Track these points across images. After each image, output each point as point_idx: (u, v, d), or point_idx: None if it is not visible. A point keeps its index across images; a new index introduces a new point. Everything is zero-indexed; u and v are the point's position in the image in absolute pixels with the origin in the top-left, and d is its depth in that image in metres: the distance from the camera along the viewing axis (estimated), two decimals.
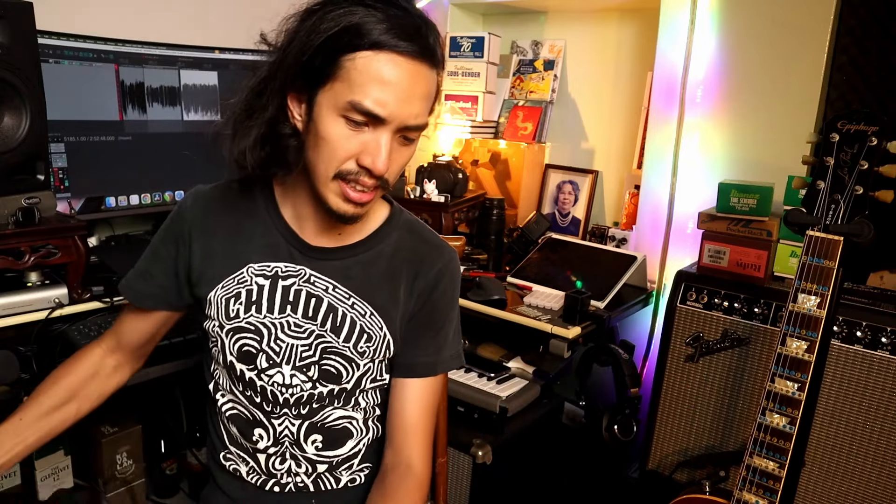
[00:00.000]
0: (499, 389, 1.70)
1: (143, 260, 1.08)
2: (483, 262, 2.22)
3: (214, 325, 1.02)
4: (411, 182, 2.34)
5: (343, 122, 0.86)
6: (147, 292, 1.07)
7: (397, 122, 0.86)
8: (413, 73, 0.85)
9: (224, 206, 1.04)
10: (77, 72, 1.62)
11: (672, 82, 2.04)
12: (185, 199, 1.06)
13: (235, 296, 1.00)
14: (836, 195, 1.17)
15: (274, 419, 1.02)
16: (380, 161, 0.86)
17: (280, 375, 1.00)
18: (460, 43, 2.51)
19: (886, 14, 1.73)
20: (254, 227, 1.02)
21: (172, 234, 1.05)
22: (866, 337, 1.48)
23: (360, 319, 1.00)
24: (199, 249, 1.02)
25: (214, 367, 1.07)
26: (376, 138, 0.86)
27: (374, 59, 0.83)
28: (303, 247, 1.01)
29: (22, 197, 1.41)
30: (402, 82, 0.84)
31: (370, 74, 0.83)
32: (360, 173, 0.88)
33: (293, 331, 1.00)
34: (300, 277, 1.00)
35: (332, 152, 0.87)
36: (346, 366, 1.01)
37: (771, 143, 1.90)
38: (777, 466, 1.23)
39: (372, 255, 1.02)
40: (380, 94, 0.83)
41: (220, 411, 1.06)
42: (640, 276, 2.04)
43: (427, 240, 1.07)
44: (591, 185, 2.42)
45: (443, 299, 1.05)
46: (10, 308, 1.37)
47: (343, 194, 0.89)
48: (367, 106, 0.83)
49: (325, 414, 1.03)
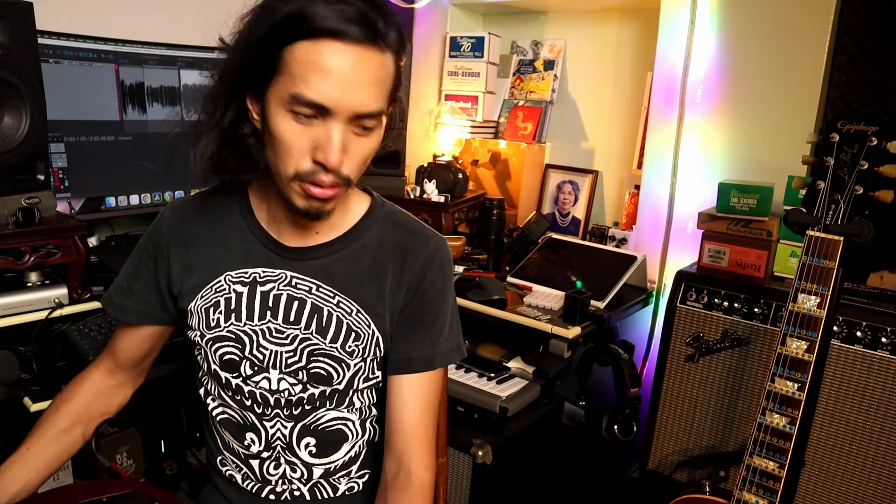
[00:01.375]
0: (499, 389, 1.70)
1: (123, 275, 1.07)
2: (483, 262, 2.22)
3: (196, 336, 1.01)
4: (411, 182, 2.34)
5: (291, 117, 0.82)
6: (131, 308, 1.06)
7: (345, 111, 0.82)
8: (357, 59, 0.81)
9: (200, 216, 1.03)
10: (77, 72, 1.62)
11: (672, 82, 2.04)
12: (161, 214, 1.05)
13: (214, 305, 0.99)
14: (836, 195, 1.17)
15: (266, 421, 1.00)
16: (332, 155, 0.82)
17: (266, 381, 0.98)
18: (460, 43, 2.51)
19: (886, 14, 1.73)
20: (229, 235, 1.00)
21: (150, 249, 1.04)
22: (866, 337, 1.48)
23: (346, 318, 0.97)
24: (177, 262, 1.01)
25: (202, 375, 1.06)
26: (326, 131, 0.82)
27: (313, 49, 0.79)
28: (280, 249, 0.98)
29: (22, 197, 1.41)
30: (345, 69, 0.80)
31: (310, 64, 0.79)
32: (316, 171, 0.84)
33: (275, 337, 0.97)
34: (280, 281, 0.98)
35: (286, 151, 0.84)
36: (336, 367, 0.98)
37: (771, 143, 1.90)
38: (777, 466, 1.23)
39: (353, 251, 0.99)
40: (321, 84, 0.80)
41: (212, 416, 1.05)
42: (640, 276, 2.04)
43: (411, 230, 1.03)
44: (591, 185, 2.42)
45: (432, 289, 1.00)
46: (10, 308, 1.37)
47: (305, 192, 0.86)
48: (310, 97, 0.80)
49: (317, 415, 1.00)
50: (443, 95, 2.60)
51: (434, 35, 2.57)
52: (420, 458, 0.98)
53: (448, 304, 1.04)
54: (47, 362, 1.41)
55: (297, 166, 0.84)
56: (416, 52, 2.43)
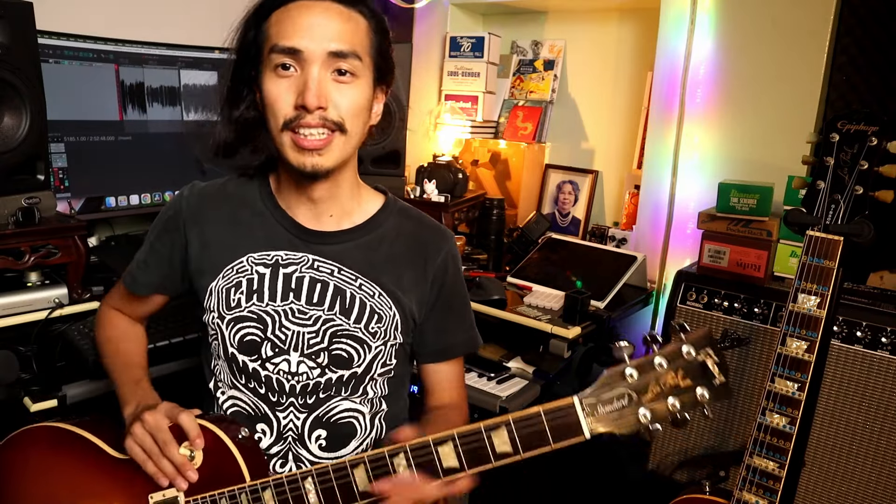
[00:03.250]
0: (499, 389, 1.70)
1: (139, 252, 1.12)
2: (483, 262, 2.22)
3: (214, 317, 1.02)
4: (411, 182, 2.34)
5: (274, 75, 0.91)
6: (142, 280, 1.11)
7: (317, 51, 0.90)
8: (324, 9, 0.91)
9: (220, 198, 1.06)
10: (77, 72, 1.62)
11: (672, 82, 2.04)
12: (181, 192, 1.09)
13: (236, 285, 1.01)
14: (836, 195, 1.17)
15: (279, 411, 1.02)
16: (310, 94, 0.89)
17: (286, 363, 1.00)
18: (460, 43, 2.51)
19: (886, 14, 1.73)
20: (252, 218, 1.04)
21: (167, 225, 1.08)
22: (866, 337, 1.48)
23: (369, 300, 1.01)
24: (195, 239, 1.05)
25: (215, 363, 1.07)
26: (304, 76, 0.90)
27: (284, 11, 0.91)
28: (302, 233, 1.02)
29: (22, 197, 1.41)
30: (312, 16, 0.91)
31: (282, 23, 0.91)
32: (300, 115, 0.91)
33: (297, 318, 1.00)
34: (303, 264, 1.01)
35: (273, 104, 0.92)
36: (358, 348, 1.01)
37: (771, 143, 1.90)
38: (777, 466, 1.23)
39: (372, 239, 1.04)
40: (292, 31, 0.90)
41: (221, 409, 1.06)
42: (640, 276, 2.04)
43: (427, 224, 1.10)
44: (591, 185, 2.42)
45: (456, 280, 1.09)
46: (10, 308, 1.37)
47: (295, 144, 0.92)
48: (283, 43, 0.89)
49: (331, 405, 1.02)
50: (443, 95, 2.60)
51: (434, 35, 2.57)
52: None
53: (467, 292, 1.15)
54: (47, 362, 1.41)
55: (284, 115, 0.91)
56: (416, 52, 2.43)
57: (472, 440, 0.81)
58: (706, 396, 0.78)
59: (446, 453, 0.82)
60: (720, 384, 0.78)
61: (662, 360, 0.79)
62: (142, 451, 0.90)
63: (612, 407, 0.79)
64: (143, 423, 0.90)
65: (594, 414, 0.79)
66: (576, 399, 0.79)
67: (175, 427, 0.91)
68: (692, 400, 0.78)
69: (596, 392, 0.79)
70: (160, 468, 0.90)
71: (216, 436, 0.93)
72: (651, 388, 0.79)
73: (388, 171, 2.08)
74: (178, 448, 0.91)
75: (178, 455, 0.90)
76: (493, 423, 0.81)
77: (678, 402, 0.78)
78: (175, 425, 0.91)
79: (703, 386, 0.78)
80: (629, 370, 0.79)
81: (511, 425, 0.80)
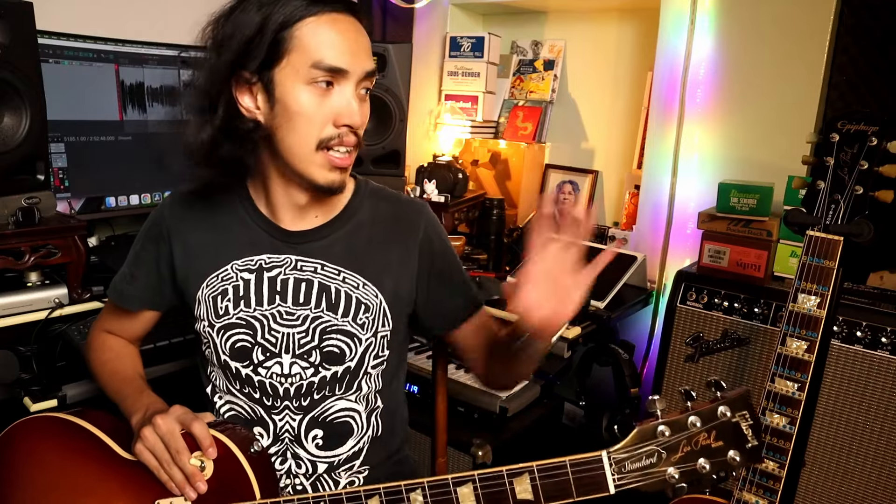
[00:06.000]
0: None
1: (126, 263, 1.11)
2: (483, 262, 2.22)
3: (205, 325, 1.02)
4: (411, 182, 2.34)
5: (310, 89, 0.90)
6: (130, 294, 1.10)
7: (358, 70, 0.91)
8: (352, 25, 0.92)
9: (201, 206, 1.06)
10: (77, 72, 1.62)
11: (672, 82, 2.04)
12: (163, 202, 1.09)
13: (222, 293, 1.01)
14: (836, 195, 1.17)
15: (274, 414, 1.02)
16: (356, 114, 0.91)
17: (279, 366, 1.00)
18: (460, 43, 2.51)
19: (886, 14, 1.73)
20: (232, 224, 1.04)
21: (152, 234, 1.07)
22: (866, 337, 1.48)
23: (354, 292, 1.02)
24: (178, 247, 1.05)
25: (210, 369, 1.07)
26: (343, 95, 0.91)
27: (317, 22, 0.89)
28: (283, 235, 1.02)
29: (22, 197, 1.41)
30: (349, 34, 0.91)
31: (320, 35, 0.89)
32: (341, 134, 0.92)
33: (286, 320, 1.01)
34: (286, 266, 1.02)
35: (308, 122, 0.91)
36: (349, 342, 1.01)
37: (771, 143, 1.90)
38: (777, 466, 1.23)
39: (351, 227, 1.04)
40: (335, 49, 0.89)
41: (219, 414, 1.06)
42: (640, 276, 2.04)
43: (399, 199, 1.11)
44: (591, 185, 2.42)
45: (442, 246, 1.09)
46: (10, 308, 1.37)
47: (329, 164, 0.93)
48: (330, 61, 0.89)
49: (326, 406, 1.03)
50: (443, 95, 2.60)
51: (434, 35, 2.57)
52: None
53: (455, 253, 1.14)
54: (47, 362, 1.41)
55: (321, 134, 0.91)
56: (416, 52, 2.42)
57: (492, 484, 0.80)
58: (737, 460, 0.75)
59: (465, 494, 0.80)
60: (752, 447, 0.76)
61: (697, 419, 0.77)
62: (152, 456, 0.89)
63: (640, 464, 0.76)
64: (155, 428, 0.89)
65: (621, 471, 0.76)
66: (604, 454, 0.77)
67: (186, 434, 0.90)
68: (723, 463, 0.76)
69: (626, 448, 0.77)
70: (170, 476, 0.89)
71: (228, 448, 0.91)
72: (682, 447, 0.76)
73: (388, 171, 2.08)
74: (189, 457, 0.89)
75: (190, 465, 0.89)
76: (516, 469, 0.79)
77: (708, 464, 0.76)
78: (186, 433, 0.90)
79: (735, 449, 0.76)
80: (661, 427, 0.76)
81: (535, 473, 0.78)
